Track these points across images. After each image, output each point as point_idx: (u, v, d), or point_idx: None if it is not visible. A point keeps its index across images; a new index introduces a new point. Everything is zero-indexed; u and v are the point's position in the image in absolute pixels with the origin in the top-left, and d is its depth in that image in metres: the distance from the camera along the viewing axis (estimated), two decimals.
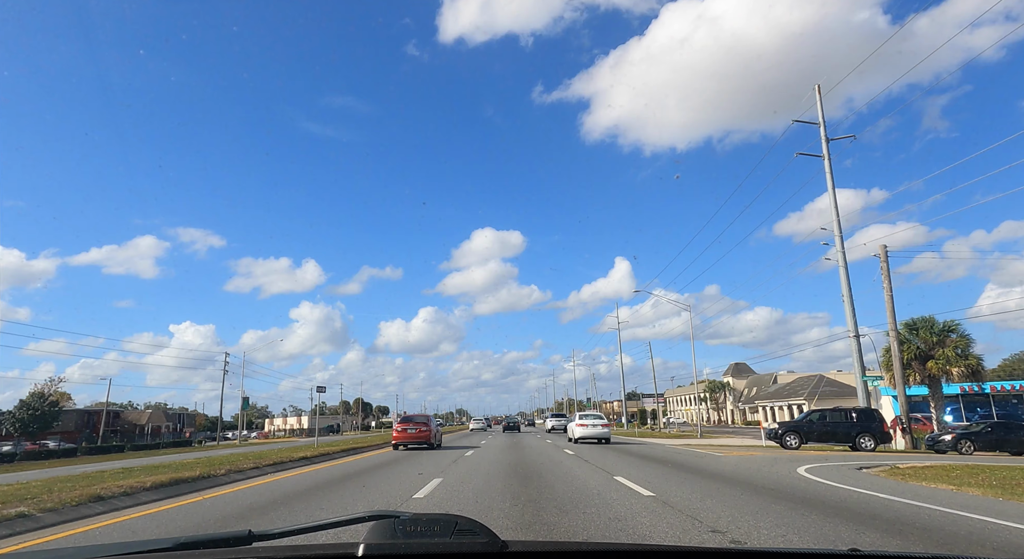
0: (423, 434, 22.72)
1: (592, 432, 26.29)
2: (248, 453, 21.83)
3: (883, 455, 19.74)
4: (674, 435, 41.94)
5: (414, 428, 22.98)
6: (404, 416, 25.46)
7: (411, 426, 23.11)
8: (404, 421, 23.91)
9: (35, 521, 7.44)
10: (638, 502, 8.02)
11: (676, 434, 44.63)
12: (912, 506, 7.96)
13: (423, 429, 22.84)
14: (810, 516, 6.92)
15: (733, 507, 7.55)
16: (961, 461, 16.88)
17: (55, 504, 8.20)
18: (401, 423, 23.66)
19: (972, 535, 6.01)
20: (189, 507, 8.79)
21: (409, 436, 22.76)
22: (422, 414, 26.30)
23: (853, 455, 19.24)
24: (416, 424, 23.24)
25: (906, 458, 18.23)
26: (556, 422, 48.89)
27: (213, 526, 7.04)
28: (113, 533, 6.77)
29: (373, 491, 10.03)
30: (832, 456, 18.31)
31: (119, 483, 10.39)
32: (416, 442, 22.78)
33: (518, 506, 7.74)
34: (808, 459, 16.66)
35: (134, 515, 8.09)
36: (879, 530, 6.11)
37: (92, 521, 7.71)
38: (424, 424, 23.18)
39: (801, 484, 10.41)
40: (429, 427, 23.03)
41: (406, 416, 25.25)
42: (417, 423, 23.35)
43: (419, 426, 23.02)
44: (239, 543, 1.59)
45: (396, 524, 1.51)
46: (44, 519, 7.59)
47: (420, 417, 24.51)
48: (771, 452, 20.39)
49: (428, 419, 24.14)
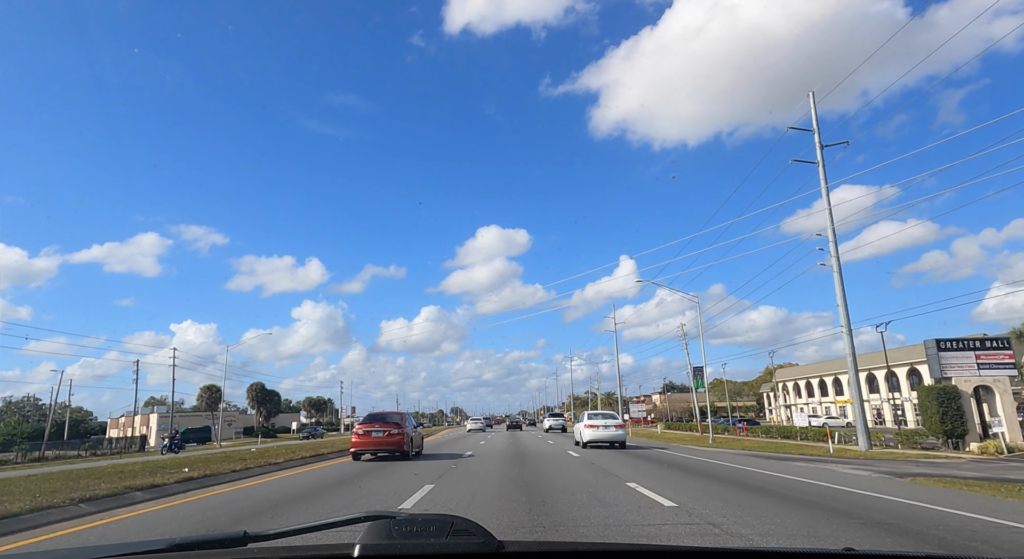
0: (394, 439, 17.55)
1: (604, 434, 22.41)
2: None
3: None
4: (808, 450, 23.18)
5: (381, 430, 17.65)
6: (371, 415, 19.56)
7: (377, 428, 17.79)
8: (369, 421, 18.48)
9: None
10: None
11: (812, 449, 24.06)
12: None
13: (393, 432, 17.63)
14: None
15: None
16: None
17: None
18: (364, 424, 18.30)
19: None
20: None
21: (374, 442, 17.58)
22: (395, 412, 20.68)
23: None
24: (385, 425, 17.89)
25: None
26: (553, 422, 51.02)
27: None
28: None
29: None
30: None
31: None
32: (385, 449, 17.69)
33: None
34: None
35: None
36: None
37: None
38: (396, 425, 17.94)
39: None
40: (402, 429, 17.86)
41: (372, 415, 19.52)
42: (386, 424, 17.99)
43: (388, 428, 17.76)
44: (234, 544, 1.59)
45: (392, 524, 1.51)
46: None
47: (393, 416, 19.14)
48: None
49: (403, 418, 18.93)
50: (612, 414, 24.60)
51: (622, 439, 22.85)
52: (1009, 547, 5.59)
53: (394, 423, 18.16)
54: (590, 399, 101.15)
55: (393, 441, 17.60)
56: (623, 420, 24.63)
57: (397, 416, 19.16)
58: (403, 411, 23.84)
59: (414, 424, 20.27)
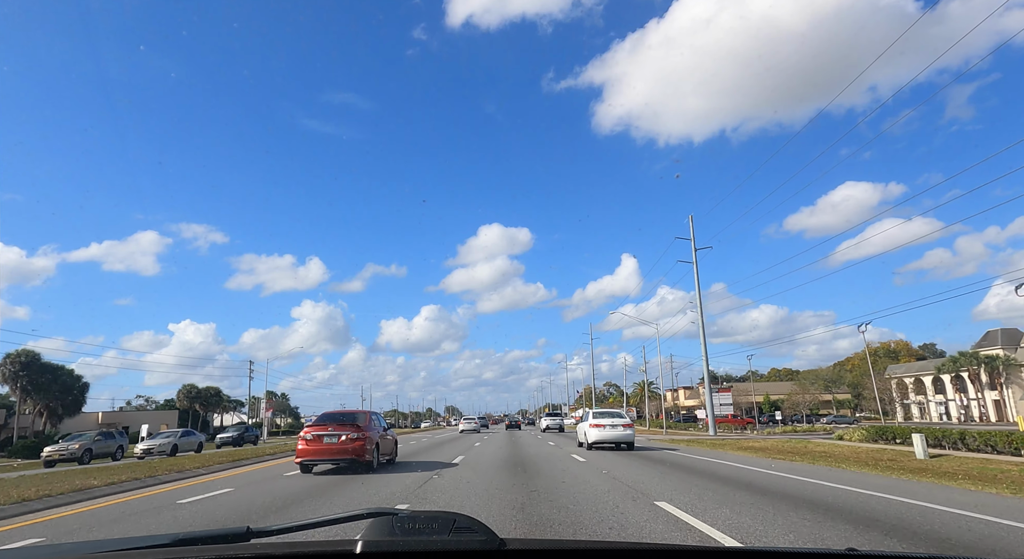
0: (352, 446, 13.87)
1: (611, 435, 21.01)
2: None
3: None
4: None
5: (335, 435, 14.00)
6: (325, 414, 15.93)
7: (331, 431, 14.10)
8: (322, 423, 14.74)
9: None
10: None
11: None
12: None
13: (352, 436, 13.99)
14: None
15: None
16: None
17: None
18: (315, 426, 14.62)
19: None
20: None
21: (326, 450, 13.94)
22: (356, 411, 17.02)
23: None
24: (341, 428, 14.22)
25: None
26: (551, 421, 51.03)
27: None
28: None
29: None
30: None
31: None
32: (340, 458, 14.01)
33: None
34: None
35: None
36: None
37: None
38: (354, 427, 14.29)
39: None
40: (364, 433, 14.26)
41: (328, 414, 15.96)
42: (343, 426, 14.30)
43: (345, 431, 14.08)
44: (237, 539, 1.60)
45: (394, 521, 1.52)
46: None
47: (354, 416, 15.49)
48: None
49: (368, 419, 15.25)
50: (619, 412, 23.78)
51: (630, 440, 21.43)
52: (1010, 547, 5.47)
53: (352, 425, 14.40)
54: (620, 391, 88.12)
55: (351, 448, 13.87)
56: (629, 418, 22.93)
57: (360, 416, 15.45)
58: (367, 410, 18.70)
59: (384, 426, 16.67)
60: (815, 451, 19.46)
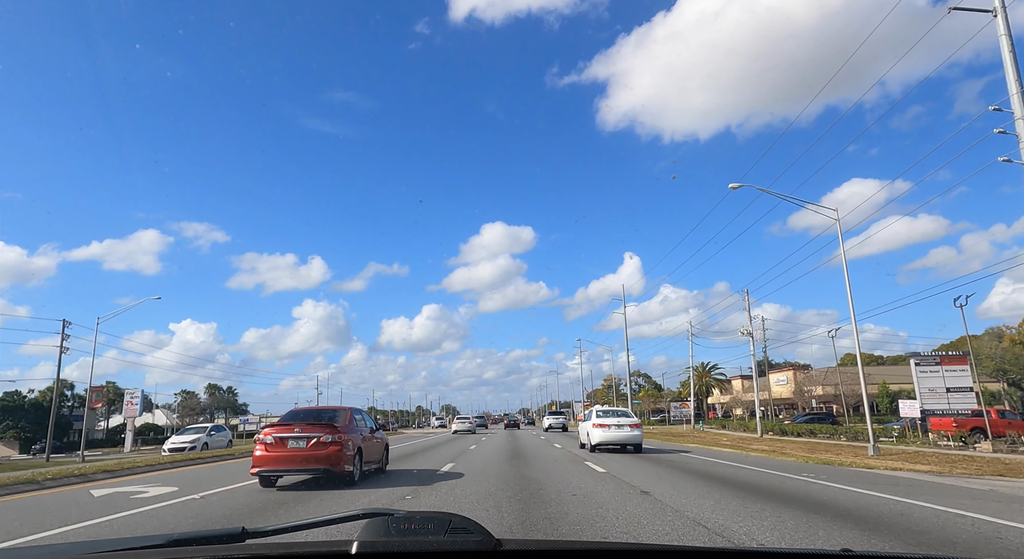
0: (328, 452, 10.82)
1: (617, 435, 19.81)
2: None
3: None
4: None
5: (302, 438, 10.93)
6: (292, 412, 13.19)
7: (297, 434, 11.02)
8: (287, 422, 11.66)
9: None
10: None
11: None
12: None
13: (324, 440, 10.91)
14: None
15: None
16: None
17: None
18: (278, 427, 11.40)
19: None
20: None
21: (292, 457, 10.83)
22: (332, 408, 14.13)
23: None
24: (310, 429, 11.12)
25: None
26: (553, 420, 50.33)
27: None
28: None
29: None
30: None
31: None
32: (309, 468, 10.86)
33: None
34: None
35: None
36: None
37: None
38: (329, 429, 11.11)
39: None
40: (341, 436, 11.11)
41: (295, 412, 13.23)
42: (312, 427, 11.19)
43: (316, 434, 11.00)
44: (233, 540, 1.60)
45: (390, 522, 1.52)
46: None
47: (331, 414, 12.45)
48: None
49: (347, 418, 12.11)
50: (626, 411, 22.39)
51: (638, 441, 20.03)
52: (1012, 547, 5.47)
53: (326, 426, 11.23)
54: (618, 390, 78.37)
55: (323, 455, 10.79)
56: (636, 418, 21.46)
57: (339, 414, 12.37)
58: (348, 406, 14.18)
59: (370, 427, 13.47)
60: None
